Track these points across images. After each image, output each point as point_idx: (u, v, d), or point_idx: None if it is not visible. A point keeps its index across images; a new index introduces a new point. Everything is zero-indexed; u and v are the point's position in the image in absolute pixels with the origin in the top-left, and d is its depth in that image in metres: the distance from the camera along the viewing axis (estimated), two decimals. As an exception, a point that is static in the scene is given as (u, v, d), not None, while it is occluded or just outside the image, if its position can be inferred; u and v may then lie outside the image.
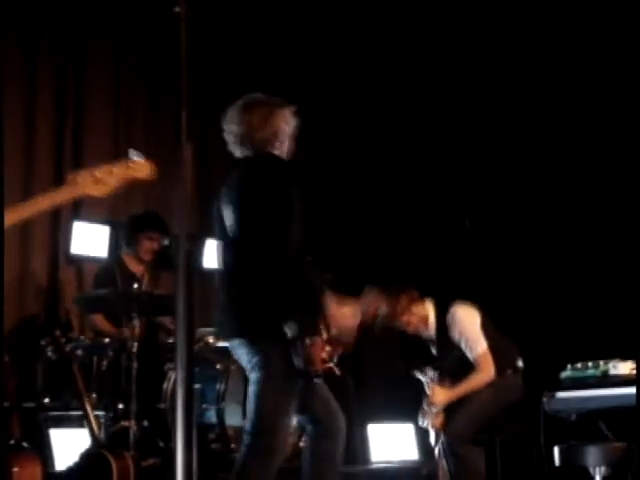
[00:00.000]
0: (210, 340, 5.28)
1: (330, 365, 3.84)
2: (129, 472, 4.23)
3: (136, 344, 4.88)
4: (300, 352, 3.36)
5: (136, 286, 5.07)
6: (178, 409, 1.78)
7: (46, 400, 5.00)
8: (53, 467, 4.74)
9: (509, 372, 5.27)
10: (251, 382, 3.58)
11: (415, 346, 5.55)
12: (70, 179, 3.03)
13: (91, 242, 6.02)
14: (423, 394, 5.11)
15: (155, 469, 4.76)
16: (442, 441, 4.96)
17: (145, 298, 5.04)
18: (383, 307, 4.89)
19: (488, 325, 5.32)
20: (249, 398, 3.59)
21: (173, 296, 1.80)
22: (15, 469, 3.67)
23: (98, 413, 4.76)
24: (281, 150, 3.73)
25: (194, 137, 1.73)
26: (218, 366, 5.04)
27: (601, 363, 4.57)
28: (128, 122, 6.78)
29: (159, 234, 5.65)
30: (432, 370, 5.11)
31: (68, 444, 4.80)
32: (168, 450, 4.79)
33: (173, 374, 4.81)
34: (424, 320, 5.29)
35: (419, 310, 5.27)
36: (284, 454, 3.55)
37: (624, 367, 4.51)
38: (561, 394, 4.62)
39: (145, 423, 4.92)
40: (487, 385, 5.16)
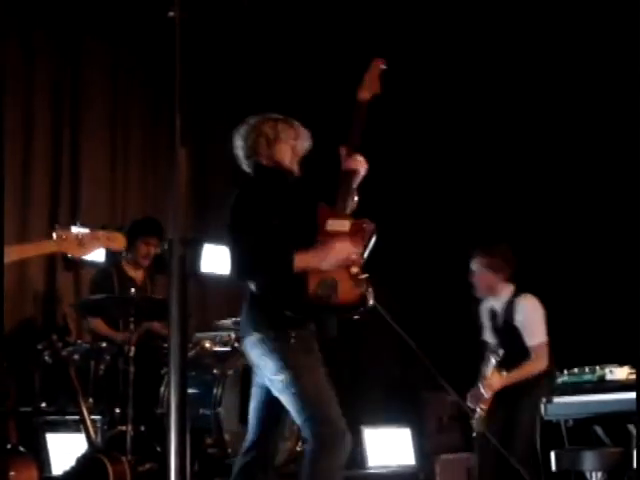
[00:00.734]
0: (207, 345, 5.28)
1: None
2: (126, 477, 4.22)
3: (133, 349, 4.88)
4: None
5: (133, 291, 5.07)
6: (171, 413, 1.78)
7: (43, 404, 5.00)
8: (50, 472, 4.73)
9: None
10: (279, 389, 3.47)
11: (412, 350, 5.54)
12: (57, 236, 3.42)
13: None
14: (479, 377, 4.95)
15: (152, 474, 4.76)
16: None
17: (143, 303, 5.04)
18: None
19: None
20: (260, 405, 3.57)
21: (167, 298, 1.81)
22: (12, 473, 3.68)
23: (95, 417, 4.76)
24: (289, 167, 3.73)
25: (188, 142, 1.74)
26: (215, 371, 5.04)
27: (597, 368, 4.58)
28: (124, 124, 6.79)
29: (157, 240, 5.65)
30: (501, 353, 5.03)
31: (65, 448, 4.79)
32: (165, 455, 4.78)
33: (170, 379, 4.81)
34: (498, 291, 5.27)
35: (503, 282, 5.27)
36: (346, 430, 3.44)
37: (620, 372, 4.52)
38: (558, 399, 4.63)
39: (142, 428, 4.91)
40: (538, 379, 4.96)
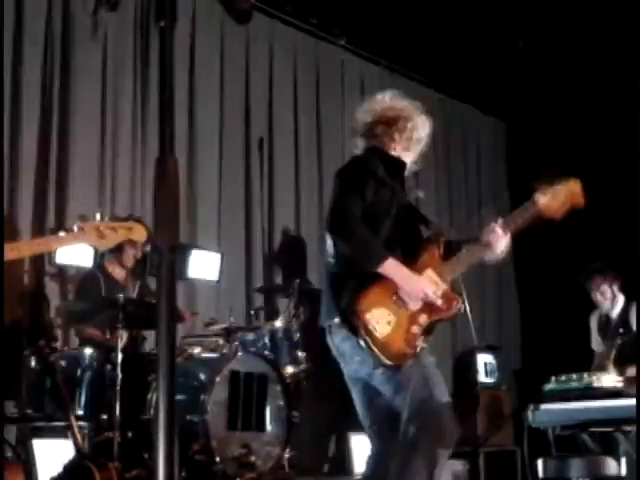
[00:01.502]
0: (195, 351, 5.28)
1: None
2: (113, 483, 4.21)
3: (120, 355, 4.87)
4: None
5: (121, 296, 5.06)
6: (159, 419, 1.78)
7: (29, 411, 4.97)
8: (36, 478, 4.70)
9: None
10: (380, 381, 3.41)
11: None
12: (78, 228, 3.25)
13: (76, 251, 5.99)
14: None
15: (139, 480, 4.75)
16: None
17: (129, 307, 5.02)
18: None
19: None
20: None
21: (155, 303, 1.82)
22: (-2, 480, 3.66)
23: (82, 424, 4.74)
24: (405, 151, 3.67)
25: (179, 151, 1.74)
26: (202, 377, 5.03)
27: (585, 376, 4.59)
28: (114, 128, 6.78)
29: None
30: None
31: (51, 455, 4.77)
32: (152, 461, 4.76)
33: (157, 385, 4.79)
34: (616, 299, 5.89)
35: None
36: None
37: (607, 380, 4.53)
38: (545, 406, 4.64)
39: (129, 434, 4.90)
40: None
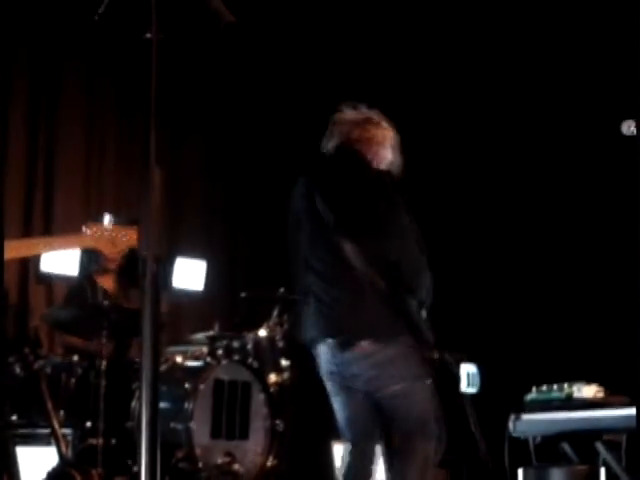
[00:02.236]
0: (179, 359, 5.30)
1: None
2: (96, 490, 4.22)
3: (105, 362, 4.88)
4: None
5: (106, 303, 5.07)
6: (142, 427, 1.81)
7: (13, 418, 4.97)
8: (19, 485, 4.71)
9: None
10: (391, 395, 3.58)
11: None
12: (89, 230, 3.13)
13: (62, 259, 6.00)
14: None
15: (122, 487, 4.76)
16: None
17: (114, 315, 5.03)
18: None
19: None
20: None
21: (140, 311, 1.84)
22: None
23: (66, 431, 4.75)
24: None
25: (163, 160, 1.77)
26: (187, 385, 5.05)
27: (566, 386, 4.63)
28: (100, 140, 6.81)
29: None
30: None
31: (35, 462, 4.77)
32: (136, 469, 4.78)
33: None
34: None
35: None
36: None
37: (588, 390, 4.57)
38: (526, 416, 4.67)
39: (113, 441, 4.91)
40: None
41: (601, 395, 4.57)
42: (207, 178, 7.40)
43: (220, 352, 5.41)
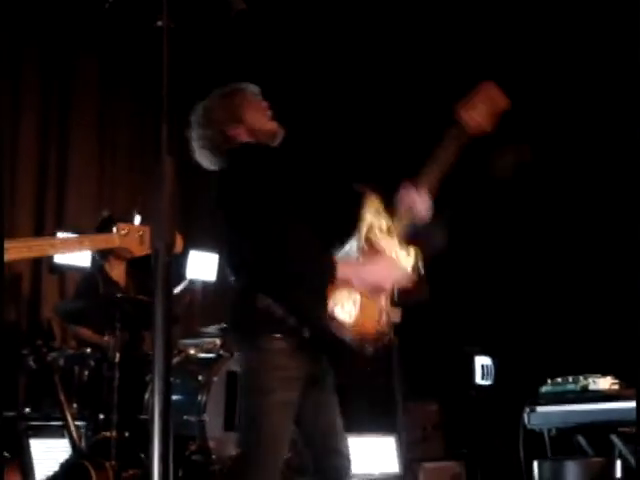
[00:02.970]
0: (192, 352, 5.29)
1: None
2: (109, 483, 4.22)
3: (118, 354, 4.87)
4: None
5: (118, 295, 5.06)
6: (155, 420, 1.79)
7: (27, 410, 4.98)
8: (33, 477, 4.71)
9: None
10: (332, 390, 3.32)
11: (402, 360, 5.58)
12: (121, 230, 3.07)
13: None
14: None
15: (136, 480, 4.76)
16: None
17: (127, 306, 5.02)
18: None
19: None
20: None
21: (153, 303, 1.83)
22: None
23: (79, 423, 4.75)
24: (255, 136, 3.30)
25: (175, 151, 1.74)
26: (200, 378, 5.04)
27: (581, 378, 4.60)
28: (113, 134, 6.82)
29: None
30: None
31: (48, 454, 4.78)
32: (149, 461, 4.78)
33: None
34: None
35: None
36: None
37: (604, 382, 4.54)
38: (541, 409, 4.65)
39: (126, 434, 4.90)
40: None
41: (616, 387, 4.54)
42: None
43: (233, 344, 5.39)
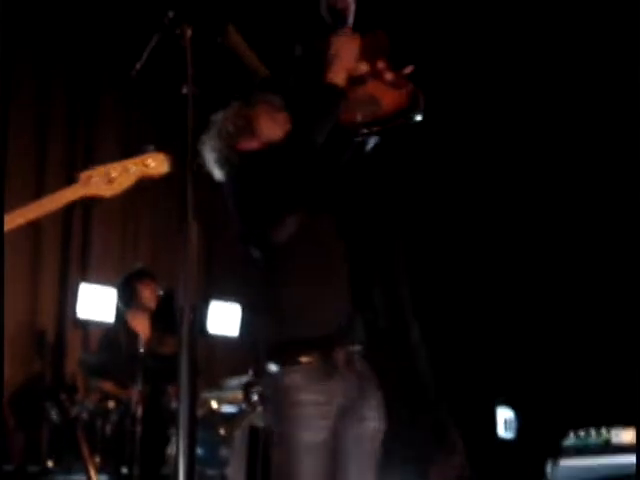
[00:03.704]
0: (214, 405, 5.31)
1: None
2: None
3: (140, 408, 4.90)
4: None
5: (142, 351, 5.10)
6: (180, 474, 1.83)
7: (50, 463, 5.00)
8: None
9: None
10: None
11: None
12: (83, 178, 2.75)
13: (98, 305, 6.07)
14: None
15: (158, 534, 4.76)
16: None
17: (149, 361, 5.06)
18: None
19: None
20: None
21: (176, 357, 1.87)
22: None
23: (102, 477, 4.77)
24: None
25: (200, 215, 1.81)
26: (222, 431, 5.06)
27: (603, 431, 4.58)
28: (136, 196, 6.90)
29: (153, 282, 5.72)
30: None
31: (71, 508, 4.79)
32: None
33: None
34: None
35: None
36: None
37: (626, 435, 4.52)
38: (564, 462, 4.62)
39: (148, 488, 4.92)
40: None
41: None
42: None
43: (255, 398, 5.41)
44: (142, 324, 5.80)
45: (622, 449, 4.45)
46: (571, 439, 4.71)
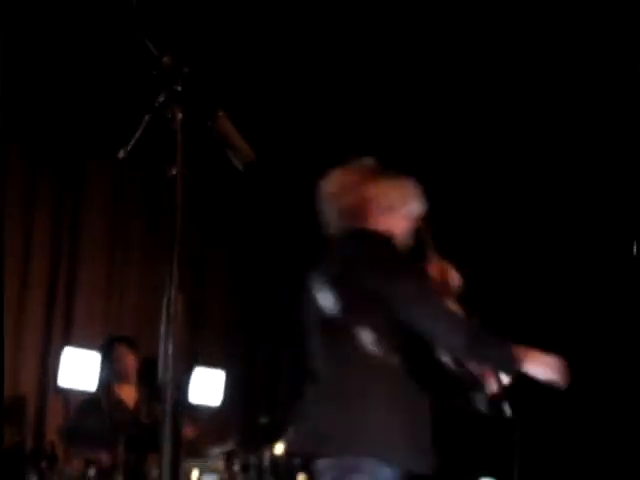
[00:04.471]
0: (195, 474, 5.27)
1: None
2: None
3: (121, 476, 4.87)
4: None
5: (124, 418, 5.09)
6: None
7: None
8: None
9: None
10: None
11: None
12: None
13: (80, 371, 6.01)
14: None
15: None
16: None
17: (133, 429, 5.04)
18: None
19: None
20: None
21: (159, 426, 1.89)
22: None
23: None
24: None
25: (185, 289, 1.86)
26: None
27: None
28: (123, 253, 6.95)
29: (132, 349, 5.75)
30: None
31: None
32: None
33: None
34: None
35: None
36: None
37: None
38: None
39: None
40: None
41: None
42: (227, 288, 7.56)
43: (237, 468, 5.38)
44: (129, 393, 5.79)
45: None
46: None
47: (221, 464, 5.41)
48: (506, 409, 3.01)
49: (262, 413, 6.06)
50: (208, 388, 6.48)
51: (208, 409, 6.44)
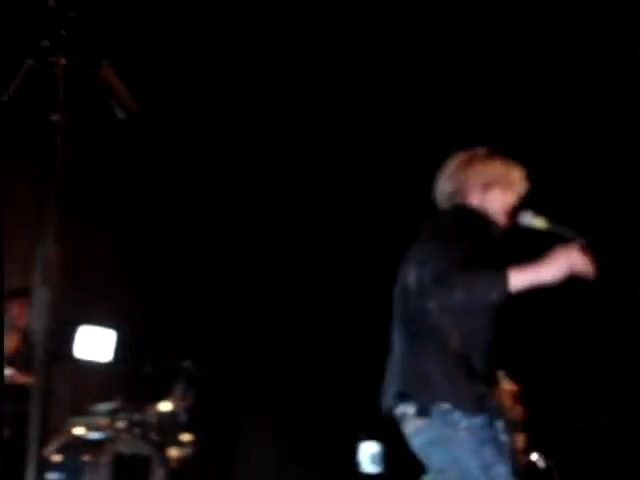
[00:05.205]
0: (79, 431, 5.23)
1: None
2: None
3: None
4: None
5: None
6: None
7: None
8: None
9: None
10: None
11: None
12: None
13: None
14: None
15: None
16: None
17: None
18: None
19: None
20: None
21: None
22: None
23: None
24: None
25: (62, 239, 1.83)
26: (86, 457, 4.99)
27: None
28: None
29: (27, 300, 5.64)
30: None
31: None
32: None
33: None
34: None
35: None
36: None
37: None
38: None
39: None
40: None
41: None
42: (115, 242, 7.49)
43: (121, 425, 5.36)
44: (9, 342, 5.67)
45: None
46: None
47: (106, 421, 5.38)
48: (539, 462, 3.02)
49: (148, 367, 6.01)
50: (98, 346, 6.41)
51: (97, 364, 6.38)
